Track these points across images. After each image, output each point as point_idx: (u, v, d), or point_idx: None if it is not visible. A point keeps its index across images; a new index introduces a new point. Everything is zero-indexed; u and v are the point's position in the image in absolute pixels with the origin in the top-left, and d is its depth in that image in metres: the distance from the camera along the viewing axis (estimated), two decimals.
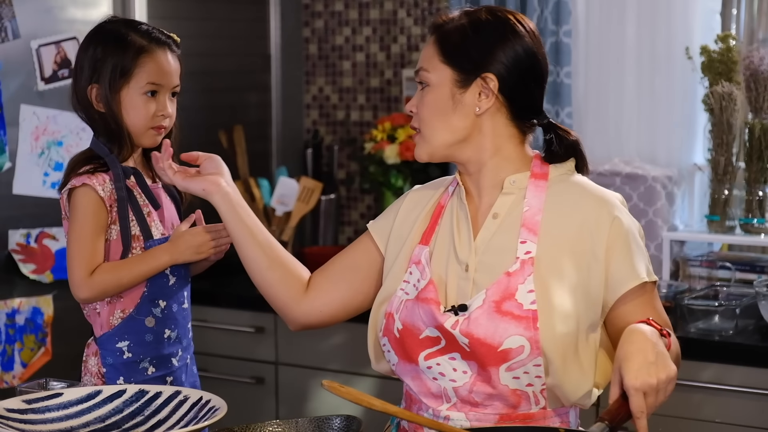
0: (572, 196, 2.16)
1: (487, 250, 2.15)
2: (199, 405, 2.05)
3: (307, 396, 3.85)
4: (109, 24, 2.62)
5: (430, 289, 2.14)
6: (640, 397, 1.87)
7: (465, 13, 2.18)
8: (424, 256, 2.19)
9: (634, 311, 2.10)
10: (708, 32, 3.81)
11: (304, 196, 4.14)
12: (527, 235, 2.12)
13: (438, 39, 2.17)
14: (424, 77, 2.17)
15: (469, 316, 2.08)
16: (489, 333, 2.05)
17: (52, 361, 3.57)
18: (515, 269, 2.09)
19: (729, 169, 3.64)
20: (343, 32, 4.55)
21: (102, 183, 2.53)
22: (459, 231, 2.19)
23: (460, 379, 2.10)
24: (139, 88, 2.54)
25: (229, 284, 4.05)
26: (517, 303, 2.06)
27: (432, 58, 2.17)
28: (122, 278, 2.53)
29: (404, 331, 2.15)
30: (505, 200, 2.17)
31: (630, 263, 2.10)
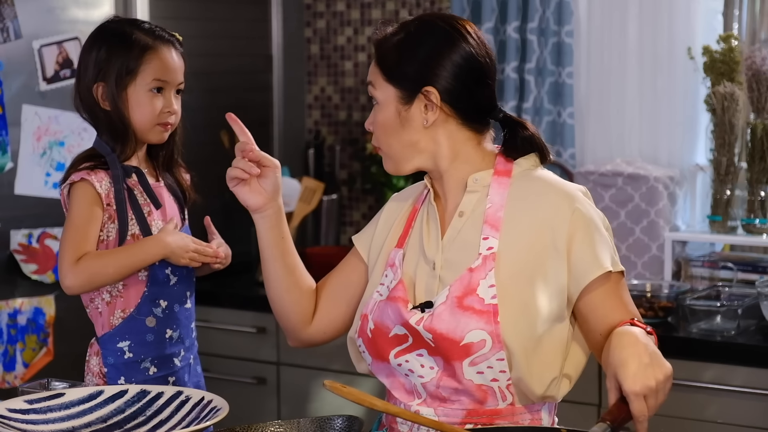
0: (534, 191, 2.17)
1: (452, 248, 2.17)
2: (201, 405, 2.05)
3: (308, 396, 3.85)
4: (112, 23, 2.63)
5: (399, 288, 2.17)
6: (641, 402, 1.87)
7: (401, 27, 2.23)
8: (398, 258, 2.22)
9: (601, 302, 2.11)
10: (710, 32, 3.81)
11: (306, 197, 4.14)
12: (489, 231, 2.14)
13: (379, 57, 2.23)
14: (372, 93, 2.24)
15: (433, 313, 2.10)
16: (451, 328, 2.08)
17: (53, 361, 3.57)
18: (477, 265, 2.11)
19: (731, 170, 3.64)
20: (345, 32, 4.55)
21: (100, 180, 2.54)
22: (428, 231, 2.22)
23: (428, 375, 2.13)
24: (145, 85, 2.55)
25: (232, 285, 4.05)
26: (479, 298, 2.08)
27: (376, 76, 2.22)
28: (108, 265, 2.50)
29: (375, 330, 2.18)
30: (470, 198, 2.19)
31: (592, 253, 2.10)
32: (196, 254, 2.59)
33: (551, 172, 2.23)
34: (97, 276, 2.50)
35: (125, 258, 2.52)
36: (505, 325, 2.06)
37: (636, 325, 2.00)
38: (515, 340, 2.06)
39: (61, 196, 2.59)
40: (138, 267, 2.54)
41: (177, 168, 2.70)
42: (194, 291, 2.69)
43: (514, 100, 4.02)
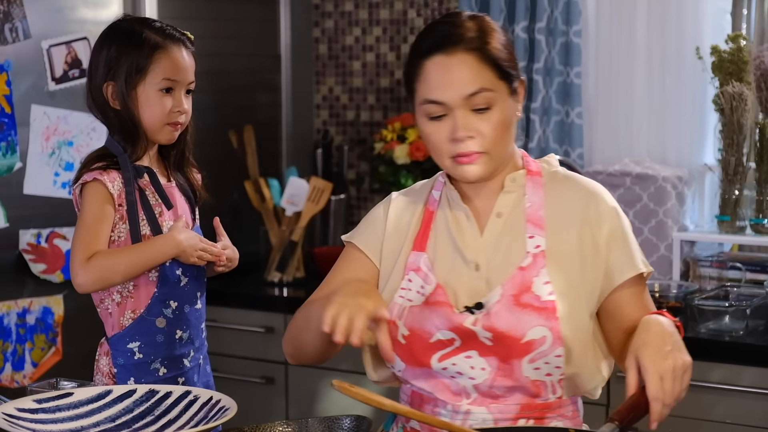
0: (569, 190, 2.20)
1: (496, 249, 2.16)
2: (209, 405, 2.05)
3: (316, 396, 3.85)
4: (123, 22, 2.63)
5: (440, 292, 2.15)
6: (658, 381, 1.90)
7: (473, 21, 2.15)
8: (423, 263, 2.19)
9: (628, 301, 2.15)
10: (718, 32, 3.81)
11: (314, 196, 4.14)
12: (534, 230, 2.15)
13: (487, 56, 2.10)
14: (489, 98, 2.11)
15: (488, 312, 2.10)
16: (512, 325, 2.08)
17: (62, 360, 3.58)
18: (528, 263, 2.12)
19: (739, 170, 3.63)
20: (353, 32, 4.55)
21: (113, 180, 2.54)
22: (461, 233, 2.19)
23: (480, 376, 2.12)
24: (155, 85, 2.55)
25: (240, 284, 4.05)
26: (535, 295, 2.09)
27: (490, 78, 2.11)
28: (119, 263, 2.50)
29: (412, 336, 2.15)
30: (507, 199, 2.19)
31: (629, 253, 2.16)
32: (203, 252, 2.59)
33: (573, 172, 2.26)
34: (108, 273, 2.49)
35: (137, 256, 2.52)
36: (564, 321, 2.08)
37: (665, 316, 2.05)
38: (572, 335, 2.09)
39: (73, 195, 2.59)
40: (150, 265, 2.54)
41: (188, 168, 2.70)
42: (205, 291, 2.69)
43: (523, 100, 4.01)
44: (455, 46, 2.09)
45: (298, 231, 4.12)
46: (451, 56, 2.09)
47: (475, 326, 2.10)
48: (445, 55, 2.09)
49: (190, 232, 2.59)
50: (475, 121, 2.10)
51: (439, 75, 2.10)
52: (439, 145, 2.13)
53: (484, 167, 2.13)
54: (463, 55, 2.09)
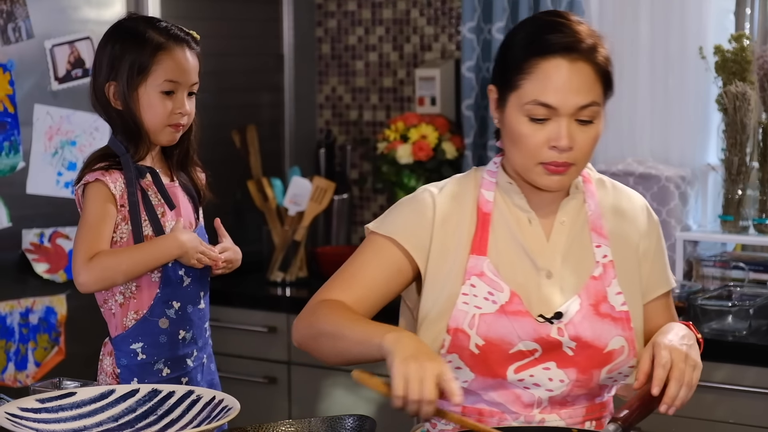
0: (622, 201, 2.20)
1: (565, 256, 2.13)
2: (212, 404, 2.05)
3: (319, 396, 3.85)
4: (127, 21, 2.62)
5: (516, 301, 2.08)
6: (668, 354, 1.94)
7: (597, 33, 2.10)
8: (487, 268, 2.10)
9: (656, 314, 2.19)
10: (722, 32, 3.80)
11: (317, 196, 4.14)
12: (599, 239, 2.14)
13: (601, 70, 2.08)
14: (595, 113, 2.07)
15: (571, 321, 2.07)
16: (596, 335, 2.07)
17: (65, 360, 3.58)
18: (599, 273, 2.11)
19: (742, 169, 3.63)
20: (356, 32, 4.55)
21: (115, 181, 2.53)
22: (526, 239, 2.12)
23: (558, 388, 2.09)
24: (156, 86, 2.54)
25: (243, 284, 4.05)
26: (610, 305, 2.09)
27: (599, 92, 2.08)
28: (121, 262, 2.48)
29: (488, 346, 2.06)
30: (570, 205, 2.15)
31: (664, 267, 2.20)
32: (202, 255, 2.58)
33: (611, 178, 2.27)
34: (109, 273, 2.48)
35: (139, 256, 2.51)
36: (636, 331, 2.10)
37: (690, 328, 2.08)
38: (641, 345, 2.11)
39: (76, 196, 2.59)
40: (152, 266, 2.53)
41: (192, 167, 2.69)
42: (209, 291, 2.68)
43: None
44: (579, 54, 2.03)
45: (301, 231, 4.12)
46: (573, 63, 2.03)
47: (562, 336, 2.06)
48: (568, 61, 2.03)
49: (191, 234, 2.58)
50: (577, 132, 2.04)
51: (558, 80, 2.02)
52: (533, 149, 2.05)
53: (569, 179, 2.09)
54: (584, 65, 2.04)
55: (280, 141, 4.48)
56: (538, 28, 2.08)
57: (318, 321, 2.10)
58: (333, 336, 2.05)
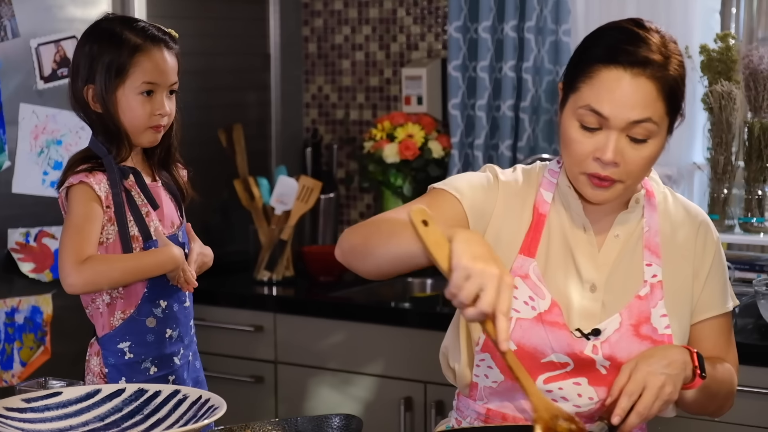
0: (682, 218, 2.13)
1: (613, 271, 2.08)
2: (199, 404, 2.05)
3: (306, 395, 3.85)
4: (104, 22, 2.60)
5: (556, 312, 2.04)
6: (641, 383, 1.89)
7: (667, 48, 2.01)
8: (533, 271, 2.06)
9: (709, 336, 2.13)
10: (707, 31, 3.81)
11: (304, 195, 4.14)
12: (651, 257, 2.08)
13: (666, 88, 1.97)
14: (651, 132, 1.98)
15: (608, 339, 2.03)
16: (632, 356, 2.00)
17: (51, 360, 3.57)
18: (646, 293, 2.06)
19: (728, 168, 3.63)
20: (343, 31, 4.55)
21: (99, 182, 2.52)
22: (579, 248, 2.08)
23: (586, 405, 2.05)
24: (134, 88, 2.52)
25: (229, 283, 4.05)
26: (653, 327, 2.04)
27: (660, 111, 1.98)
28: (114, 269, 2.48)
29: (520, 352, 2.02)
30: (626, 219, 2.10)
31: (722, 289, 2.14)
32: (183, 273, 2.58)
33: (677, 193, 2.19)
34: (100, 278, 2.47)
35: (132, 266, 2.50)
36: None
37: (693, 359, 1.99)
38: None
39: (59, 199, 2.58)
40: (142, 277, 2.53)
41: (174, 166, 2.69)
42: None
43: (512, 99, 4.02)
44: (642, 68, 1.96)
45: (288, 230, 4.11)
46: (634, 77, 1.96)
47: (596, 354, 2.02)
48: (629, 73, 1.96)
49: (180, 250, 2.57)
50: (627, 148, 1.97)
51: (616, 90, 1.95)
52: (579, 156, 1.99)
53: (614, 195, 2.02)
54: (645, 81, 1.96)
55: (266, 140, 4.48)
56: (617, 34, 2.03)
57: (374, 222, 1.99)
58: (389, 233, 1.90)
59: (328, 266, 4.05)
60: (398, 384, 3.65)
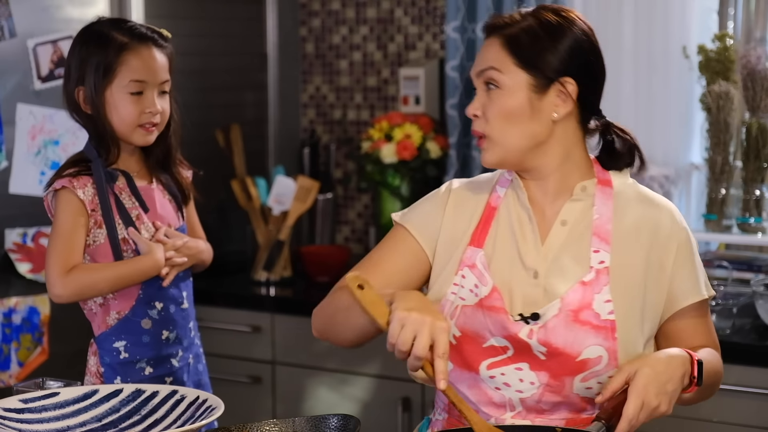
0: (640, 206, 2.14)
1: (557, 258, 2.10)
2: (196, 404, 2.05)
3: (304, 395, 3.85)
4: (94, 25, 2.60)
5: (496, 296, 2.08)
6: (639, 406, 1.90)
7: (530, 15, 2.11)
8: (479, 260, 2.12)
9: (689, 325, 2.13)
10: (705, 31, 3.81)
11: (301, 195, 4.14)
12: (599, 244, 2.09)
13: (507, 41, 2.09)
14: (494, 77, 2.08)
15: (545, 325, 2.05)
16: (568, 342, 2.03)
17: (48, 360, 3.57)
18: (590, 279, 2.07)
19: (726, 168, 3.63)
20: (340, 31, 4.55)
21: (83, 186, 2.52)
22: (523, 236, 2.13)
23: (528, 390, 2.07)
24: (123, 87, 2.52)
25: (226, 284, 4.05)
26: (594, 313, 2.05)
27: (503, 60, 2.08)
28: (98, 281, 2.49)
29: (464, 338, 2.09)
30: (574, 207, 2.13)
31: (694, 277, 2.12)
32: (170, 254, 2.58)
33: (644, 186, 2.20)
34: (86, 289, 2.50)
35: (117, 275, 2.51)
36: (622, 342, 2.04)
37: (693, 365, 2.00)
38: (628, 357, 2.05)
39: (45, 201, 2.58)
40: (129, 285, 2.53)
41: (175, 166, 2.68)
42: (192, 291, 2.68)
43: None
44: (493, 30, 2.12)
45: (285, 230, 4.11)
46: (488, 39, 2.12)
47: (531, 339, 2.04)
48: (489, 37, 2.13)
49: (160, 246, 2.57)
50: (486, 100, 2.10)
51: (482, 51, 2.13)
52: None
53: (492, 156, 2.10)
54: (493, 39, 2.11)
55: (264, 140, 4.48)
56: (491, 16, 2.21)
57: (333, 301, 2.16)
58: (346, 308, 2.06)
59: (326, 266, 4.05)
60: (396, 384, 3.65)
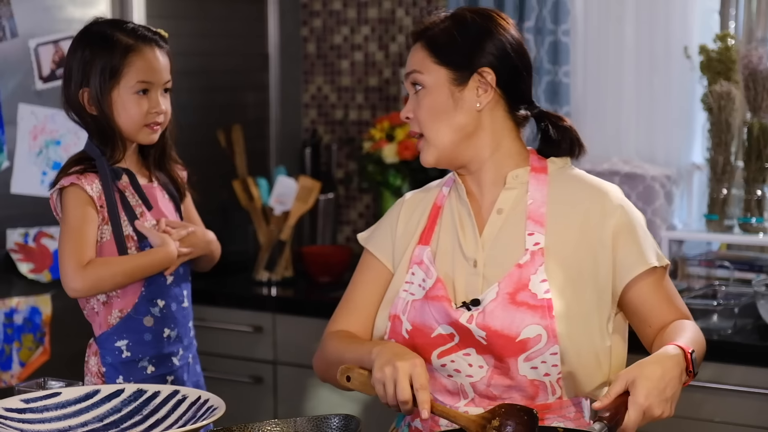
0: (574, 188, 2.20)
1: (494, 245, 2.17)
2: (198, 404, 2.05)
3: (305, 395, 3.85)
4: (95, 26, 2.61)
5: (439, 287, 2.16)
6: (640, 415, 1.90)
7: (448, 16, 2.22)
8: (426, 256, 2.21)
9: (648, 296, 2.15)
10: (707, 31, 3.81)
11: (303, 196, 4.14)
12: (534, 227, 2.15)
13: (426, 42, 2.19)
14: (418, 79, 2.19)
15: (483, 310, 2.10)
16: (506, 324, 2.08)
17: (50, 360, 3.57)
18: (526, 260, 2.12)
19: (728, 169, 3.63)
20: (342, 31, 4.55)
21: (91, 183, 2.53)
22: (463, 228, 2.21)
23: (477, 374, 2.13)
24: (129, 88, 2.54)
25: (228, 283, 4.05)
26: (531, 293, 2.09)
27: (424, 61, 2.18)
28: (116, 274, 2.51)
29: (414, 331, 2.16)
30: (508, 195, 2.19)
31: (638, 249, 2.14)
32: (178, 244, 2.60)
33: (584, 171, 2.26)
34: (103, 282, 2.51)
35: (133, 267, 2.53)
36: (559, 319, 2.08)
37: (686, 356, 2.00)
38: (568, 334, 2.09)
39: (51, 200, 2.58)
40: (143, 277, 2.56)
41: (171, 166, 2.69)
42: (191, 290, 2.69)
43: None
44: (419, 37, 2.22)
45: (287, 230, 4.11)
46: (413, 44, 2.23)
47: (470, 324, 2.10)
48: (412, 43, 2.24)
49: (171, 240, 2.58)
50: (414, 100, 2.20)
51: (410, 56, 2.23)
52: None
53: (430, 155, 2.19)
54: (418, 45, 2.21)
55: (265, 140, 4.48)
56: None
57: (325, 353, 2.26)
58: (338, 362, 2.16)
59: (328, 266, 4.05)
60: None
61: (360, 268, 2.33)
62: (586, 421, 2.19)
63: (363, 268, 2.32)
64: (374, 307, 2.27)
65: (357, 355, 2.13)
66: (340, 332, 2.26)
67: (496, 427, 1.94)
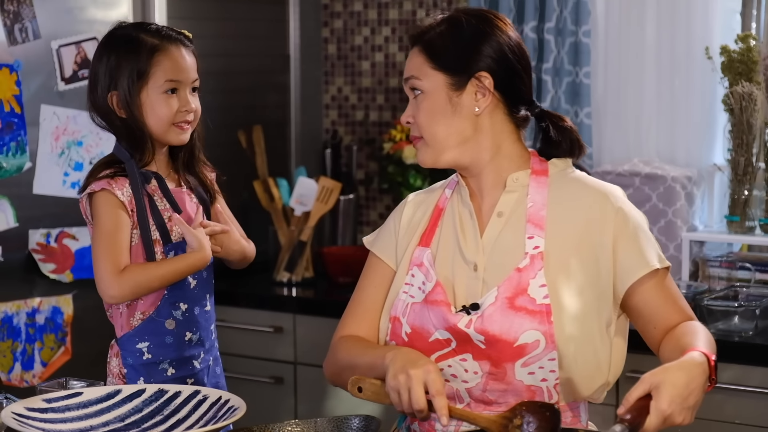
0: (574, 191, 2.18)
1: (494, 249, 2.16)
2: (218, 405, 2.05)
3: (326, 396, 3.85)
4: (119, 30, 2.61)
5: (439, 291, 2.15)
6: (662, 422, 1.87)
7: (444, 19, 2.22)
8: (426, 258, 2.20)
9: (651, 298, 2.13)
10: (728, 32, 3.80)
11: (323, 196, 4.14)
12: (534, 230, 2.14)
13: (423, 47, 2.20)
14: (415, 85, 2.20)
15: (482, 314, 2.09)
16: (504, 329, 2.07)
17: (71, 360, 3.58)
18: (525, 264, 2.11)
19: (749, 170, 3.62)
20: (362, 32, 4.55)
21: (121, 188, 2.53)
22: (464, 231, 2.20)
23: (472, 380, 2.12)
24: (157, 88, 2.54)
25: (248, 284, 4.06)
26: (530, 298, 2.08)
27: (421, 66, 2.19)
28: (153, 279, 2.52)
29: (413, 334, 2.16)
30: (509, 198, 2.19)
31: (639, 252, 2.13)
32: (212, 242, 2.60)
33: (585, 173, 2.25)
34: (140, 288, 2.52)
35: (169, 271, 2.53)
36: (558, 324, 2.07)
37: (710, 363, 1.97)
38: (566, 340, 2.07)
39: (81, 204, 2.59)
40: (179, 279, 2.56)
41: (200, 167, 2.69)
42: (213, 293, 2.69)
43: None
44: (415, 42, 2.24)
45: (307, 231, 4.12)
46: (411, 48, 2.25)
47: (468, 328, 2.09)
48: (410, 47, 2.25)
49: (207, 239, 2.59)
50: (413, 105, 2.22)
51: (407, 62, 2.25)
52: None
53: (428, 156, 2.19)
54: (415, 50, 2.22)
55: (286, 141, 4.48)
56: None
57: (336, 358, 2.25)
58: (350, 368, 2.17)
59: (348, 267, 4.06)
60: None
61: (366, 272, 2.33)
62: (583, 424, 2.18)
63: (369, 271, 2.32)
64: (382, 310, 2.27)
65: (369, 360, 2.13)
66: (350, 337, 2.26)
67: (518, 425, 1.93)
